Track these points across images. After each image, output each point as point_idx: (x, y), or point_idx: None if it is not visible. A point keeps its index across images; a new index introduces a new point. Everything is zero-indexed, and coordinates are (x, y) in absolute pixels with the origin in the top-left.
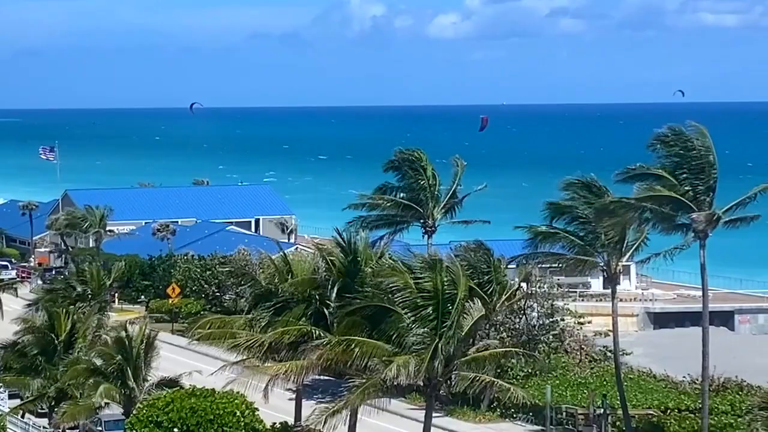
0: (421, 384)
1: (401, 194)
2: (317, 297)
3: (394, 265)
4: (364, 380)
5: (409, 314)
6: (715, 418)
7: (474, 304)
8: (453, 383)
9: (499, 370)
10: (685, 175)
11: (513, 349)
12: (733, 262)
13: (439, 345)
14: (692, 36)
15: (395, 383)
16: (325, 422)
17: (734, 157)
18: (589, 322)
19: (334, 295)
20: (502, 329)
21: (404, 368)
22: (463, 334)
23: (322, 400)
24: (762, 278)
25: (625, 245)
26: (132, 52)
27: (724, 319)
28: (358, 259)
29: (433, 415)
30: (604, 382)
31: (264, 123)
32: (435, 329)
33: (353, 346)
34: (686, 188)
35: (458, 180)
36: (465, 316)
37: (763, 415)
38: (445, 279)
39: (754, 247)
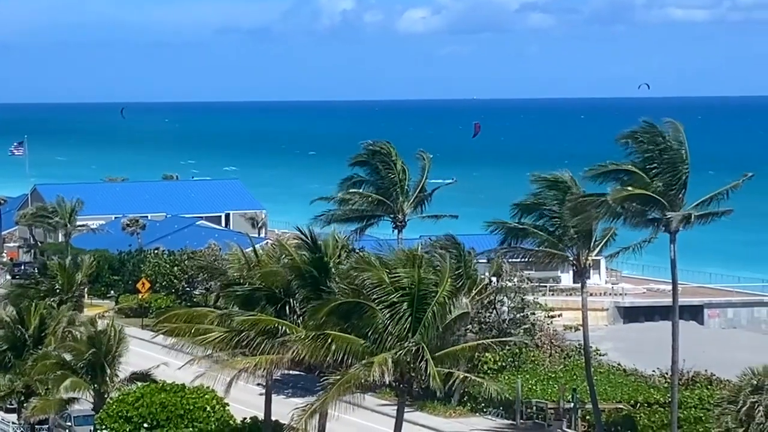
0: (393, 379)
1: (370, 188)
2: (284, 291)
3: (369, 260)
4: (338, 376)
5: (385, 311)
6: (685, 412)
7: (457, 300)
8: (425, 378)
9: (470, 365)
10: (655, 171)
11: (485, 341)
12: (702, 257)
13: (422, 343)
14: (661, 31)
15: (379, 380)
16: (306, 425)
17: (705, 151)
18: (560, 316)
19: (302, 289)
20: (472, 324)
21: (385, 367)
22: (441, 331)
23: (293, 394)
24: (731, 272)
25: (593, 240)
26: (102, 47)
27: (694, 313)
28: (323, 255)
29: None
30: (574, 377)
31: (233, 118)
32: (410, 327)
33: (328, 341)
34: (657, 184)
35: (426, 174)
36: (444, 312)
37: (731, 408)
38: (424, 275)
39: (723, 241)
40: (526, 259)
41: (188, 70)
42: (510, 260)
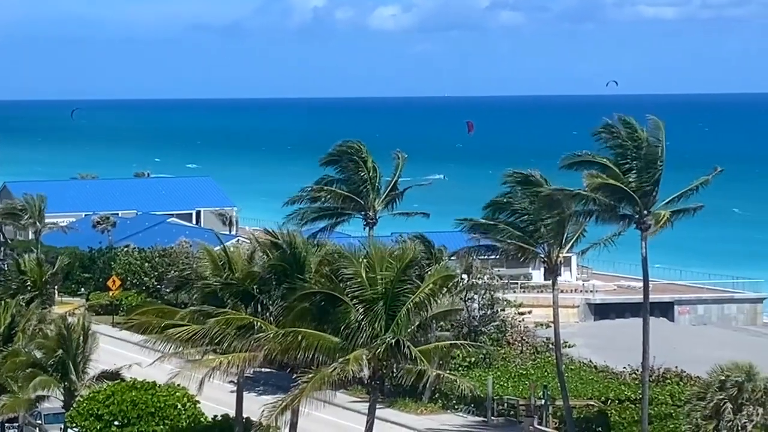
0: (365, 376)
1: (341, 186)
2: (258, 289)
3: (348, 253)
4: (312, 374)
5: (359, 306)
6: (655, 408)
7: (437, 301)
8: (397, 375)
9: (442, 362)
10: (628, 167)
11: (459, 342)
12: (672, 253)
13: (400, 337)
14: (631, 29)
15: (352, 377)
16: (276, 421)
17: (674, 149)
18: (529, 313)
19: (277, 285)
20: (444, 322)
21: (362, 362)
22: (415, 329)
23: (264, 392)
24: (701, 269)
25: (565, 237)
26: (73, 43)
27: (664, 309)
28: (297, 250)
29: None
30: (545, 373)
31: (205, 115)
32: (384, 324)
33: (300, 338)
34: (630, 179)
35: (399, 172)
36: (420, 312)
37: (700, 405)
38: (401, 275)
39: (693, 238)
40: (497, 256)
41: (161, 67)
42: (481, 257)
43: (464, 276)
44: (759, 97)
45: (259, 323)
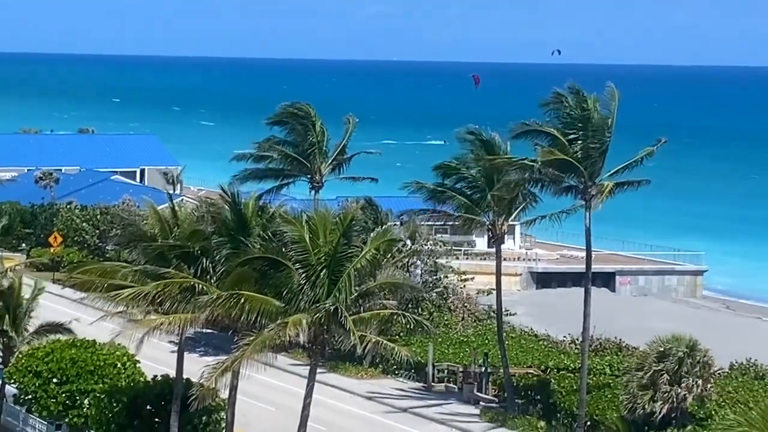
0: (306, 340)
1: (288, 148)
2: (201, 250)
3: (289, 218)
4: (252, 337)
5: (301, 271)
6: (594, 378)
7: (380, 267)
8: (337, 340)
9: (383, 328)
10: (574, 137)
11: (400, 312)
12: (615, 224)
13: (338, 304)
14: None
15: (292, 341)
16: (216, 382)
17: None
18: (472, 279)
19: (221, 246)
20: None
21: (300, 327)
22: (357, 296)
23: (205, 353)
24: (643, 240)
25: (512, 206)
26: None
27: (606, 280)
28: (243, 211)
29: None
30: (486, 341)
31: (151, 72)
32: (326, 290)
33: (242, 301)
34: (576, 150)
35: (348, 136)
36: (361, 278)
37: (638, 375)
38: (345, 239)
39: (636, 209)
40: (443, 223)
41: (105, 21)
42: (426, 223)
43: (408, 242)
44: (707, 70)
45: (201, 285)
